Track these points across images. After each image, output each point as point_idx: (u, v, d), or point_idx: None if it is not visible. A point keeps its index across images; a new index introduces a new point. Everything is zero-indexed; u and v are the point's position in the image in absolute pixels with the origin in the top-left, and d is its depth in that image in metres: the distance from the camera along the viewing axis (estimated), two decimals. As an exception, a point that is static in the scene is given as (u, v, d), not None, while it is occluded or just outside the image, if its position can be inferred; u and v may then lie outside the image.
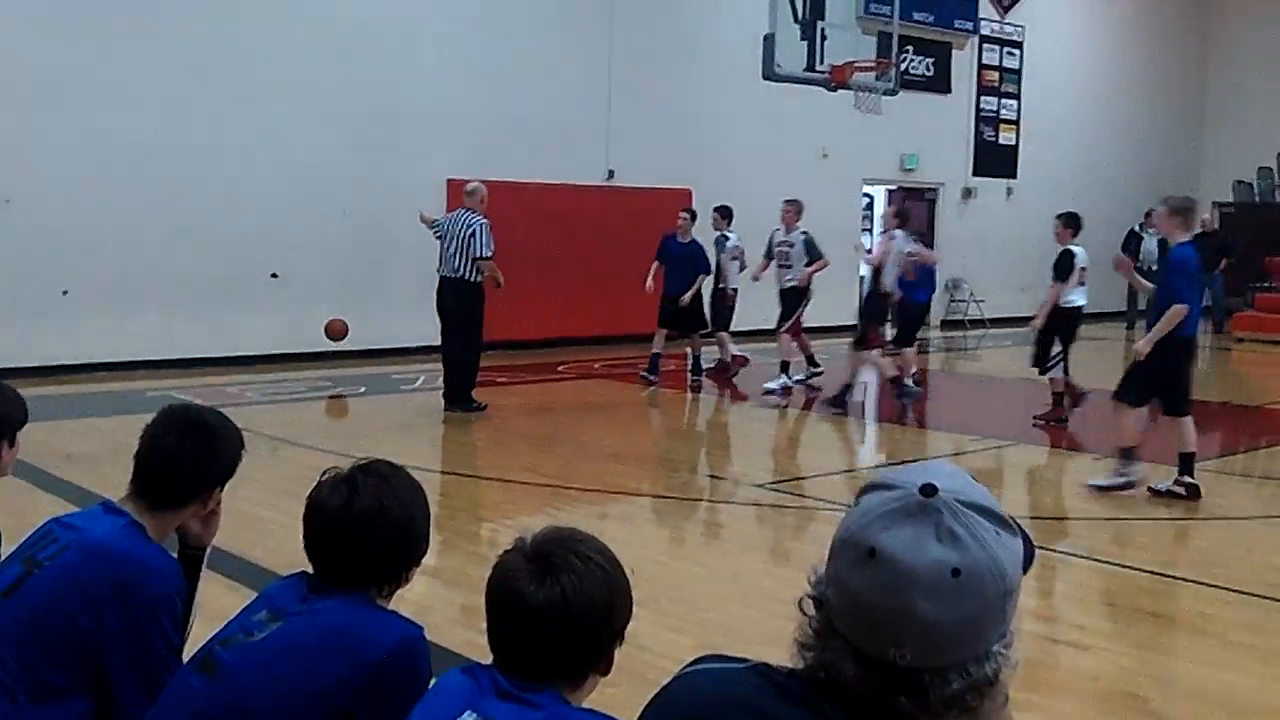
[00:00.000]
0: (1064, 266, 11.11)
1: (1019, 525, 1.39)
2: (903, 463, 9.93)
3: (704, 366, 13.32)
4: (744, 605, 5.97)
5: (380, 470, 2.39)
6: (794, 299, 12.78)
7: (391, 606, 2.37)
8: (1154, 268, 21.42)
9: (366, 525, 2.29)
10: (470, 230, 10.82)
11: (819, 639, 1.33)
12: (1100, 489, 8.32)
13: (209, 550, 2.88)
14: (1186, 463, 8.14)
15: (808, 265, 12.68)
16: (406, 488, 2.39)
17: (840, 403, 11.82)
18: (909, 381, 12.55)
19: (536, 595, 1.87)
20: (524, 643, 1.89)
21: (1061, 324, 11.21)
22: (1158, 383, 8.20)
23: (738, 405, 12.60)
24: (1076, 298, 11.21)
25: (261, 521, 6.51)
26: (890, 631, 1.27)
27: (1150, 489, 8.23)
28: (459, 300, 10.98)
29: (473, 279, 10.92)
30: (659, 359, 13.08)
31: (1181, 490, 8.08)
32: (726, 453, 10.93)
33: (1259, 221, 22.36)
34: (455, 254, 10.91)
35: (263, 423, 9.90)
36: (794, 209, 12.82)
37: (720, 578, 6.59)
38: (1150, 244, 21.57)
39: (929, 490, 1.29)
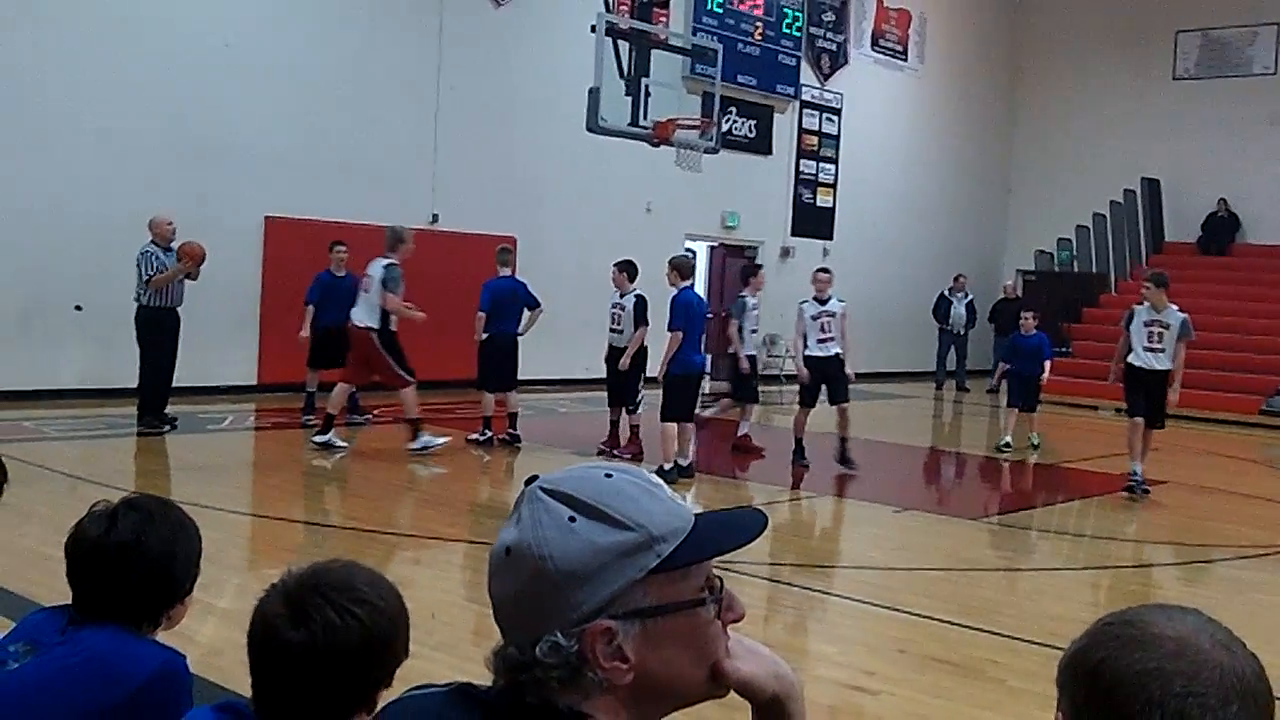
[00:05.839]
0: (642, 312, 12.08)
1: (730, 524, 1.41)
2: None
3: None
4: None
5: (145, 505, 2.32)
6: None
7: (183, 649, 2.30)
8: (961, 331, 22.39)
9: (122, 560, 2.22)
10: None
11: None
12: None
13: None
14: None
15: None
16: (171, 525, 2.31)
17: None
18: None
19: (294, 638, 1.83)
20: (281, 685, 1.86)
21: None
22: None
23: (553, 454, 12.60)
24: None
25: (46, 560, 6.24)
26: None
27: None
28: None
29: (145, 303, 11.61)
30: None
31: None
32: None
33: (1058, 289, 23.53)
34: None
35: (58, 460, 9.55)
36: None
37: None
38: (959, 308, 22.49)
39: (530, 480, 1.37)
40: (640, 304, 12.13)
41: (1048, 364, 14.67)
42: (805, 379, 12.19)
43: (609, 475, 1.36)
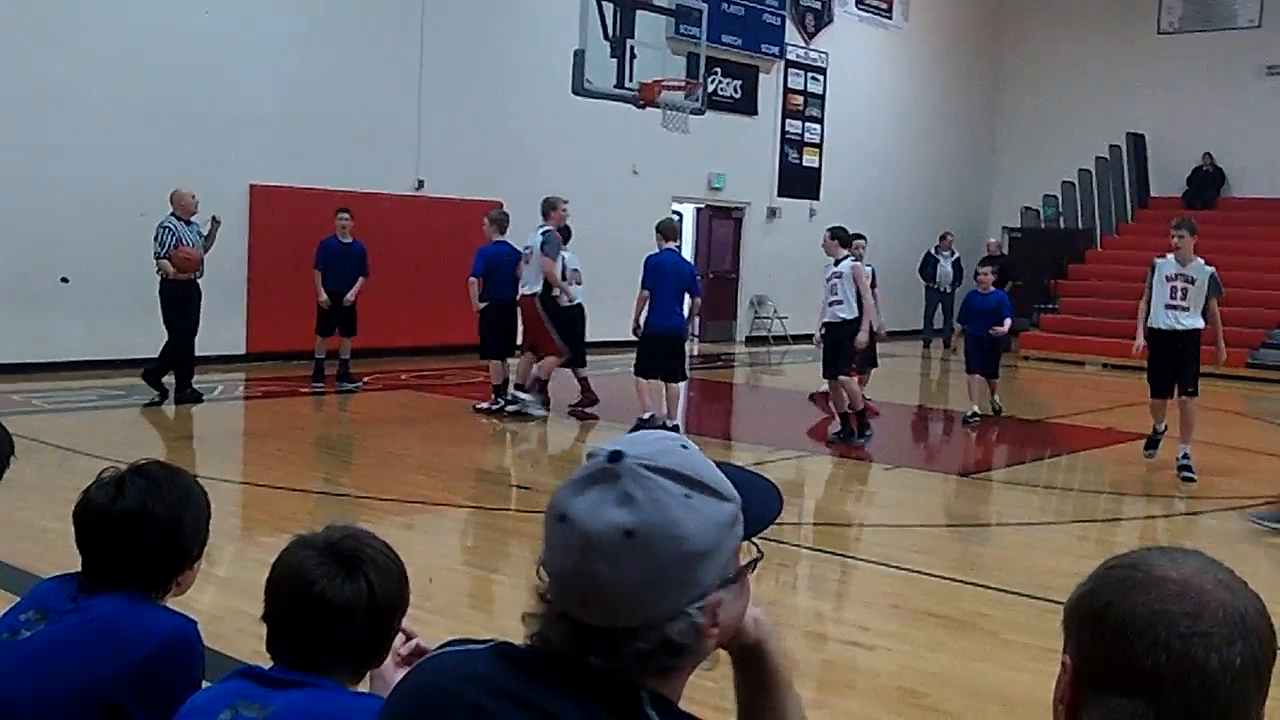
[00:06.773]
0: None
1: (766, 486, 1.45)
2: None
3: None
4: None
5: (152, 473, 2.33)
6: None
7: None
8: (948, 289, 22.42)
9: (129, 527, 2.24)
10: None
11: (541, 604, 1.39)
12: None
13: None
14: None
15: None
16: (178, 491, 2.33)
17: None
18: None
19: (342, 593, 1.89)
20: (318, 639, 1.90)
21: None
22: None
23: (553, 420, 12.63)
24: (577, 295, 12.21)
25: (43, 532, 6.26)
26: (578, 592, 1.33)
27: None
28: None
29: (159, 276, 11.67)
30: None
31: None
32: (533, 464, 10.96)
33: (1044, 246, 23.57)
34: None
35: (50, 432, 9.53)
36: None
37: (519, 585, 6.61)
38: (945, 266, 22.52)
39: (615, 456, 1.34)
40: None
41: (1008, 322, 12.99)
42: (817, 341, 11.69)
43: (685, 446, 1.38)
